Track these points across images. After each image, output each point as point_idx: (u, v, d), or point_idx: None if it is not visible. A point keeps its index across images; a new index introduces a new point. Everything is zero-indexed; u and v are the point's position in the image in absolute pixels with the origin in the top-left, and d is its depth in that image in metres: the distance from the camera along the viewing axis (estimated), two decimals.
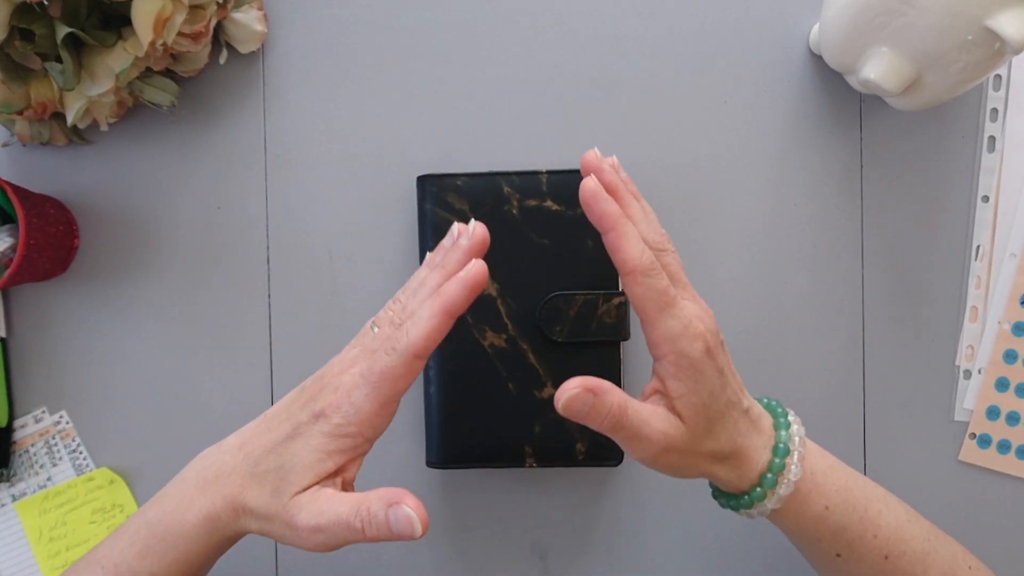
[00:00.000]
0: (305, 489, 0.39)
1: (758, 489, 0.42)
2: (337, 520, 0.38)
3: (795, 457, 0.42)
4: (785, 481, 0.41)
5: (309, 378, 0.43)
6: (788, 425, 0.43)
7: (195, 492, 0.41)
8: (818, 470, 0.43)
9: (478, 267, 0.39)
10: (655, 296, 0.39)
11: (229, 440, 0.43)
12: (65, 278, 0.58)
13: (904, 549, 0.43)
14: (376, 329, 0.41)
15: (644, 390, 0.43)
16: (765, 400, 0.45)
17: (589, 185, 0.39)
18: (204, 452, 0.44)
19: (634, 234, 0.39)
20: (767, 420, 0.43)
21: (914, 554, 0.44)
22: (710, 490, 0.46)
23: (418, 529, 0.37)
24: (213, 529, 0.41)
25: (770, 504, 0.42)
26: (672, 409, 0.40)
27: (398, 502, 0.37)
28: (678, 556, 0.56)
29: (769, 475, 0.41)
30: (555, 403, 0.39)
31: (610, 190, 0.40)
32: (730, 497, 0.43)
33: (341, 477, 0.40)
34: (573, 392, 0.38)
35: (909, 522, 0.44)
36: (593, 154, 0.41)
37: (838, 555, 0.43)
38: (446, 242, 0.42)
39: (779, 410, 0.44)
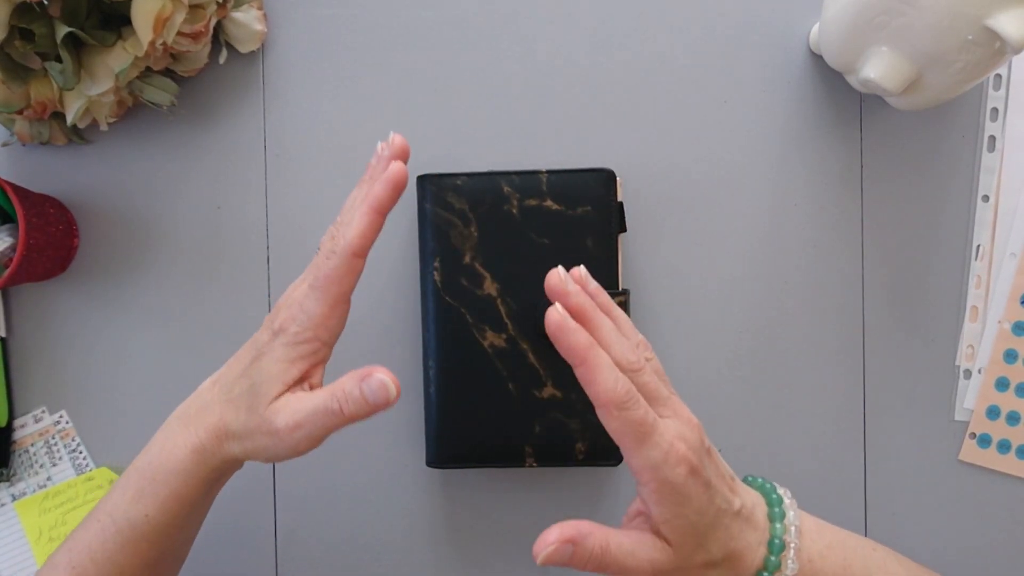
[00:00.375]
0: (277, 398, 0.40)
1: None
2: (314, 410, 0.39)
3: (791, 551, 0.40)
4: None
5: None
6: (782, 515, 0.41)
7: (179, 430, 0.43)
8: (815, 555, 0.41)
9: (398, 166, 0.40)
10: (633, 429, 0.37)
11: (204, 383, 0.45)
12: (65, 278, 0.58)
13: None
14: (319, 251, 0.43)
15: (628, 511, 0.42)
16: (759, 481, 0.44)
17: (554, 318, 0.38)
18: (184, 401, 0.45)
19: (606, 364, 0.37)
20: (760, 511, 0.42)
21: None
22: None
23: (392, 392, 0.38)
24: (200, 460, 0.42)
25: None
26: (658, 533, 0.39)
27: (369, 374, 0.38)
28: None
29: (765, 574, 0.40)
30: (534, 556, 0.37)
31: (578, 314, 0.39)
32: None
33: (308, 383, 0.41)
34: (550, 549, 0.37)
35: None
36: (556, 277, 0.39)
37: None
38: (372, 161, 0.43)
39: (773, 496, 0.42)
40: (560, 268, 0.40)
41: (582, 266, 0.42)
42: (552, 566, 0.38)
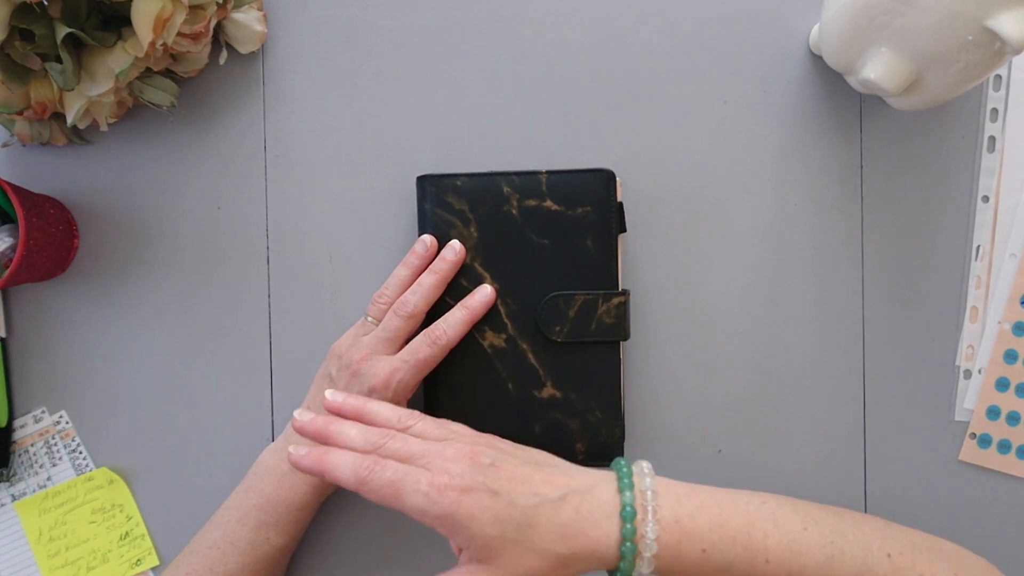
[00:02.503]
0: None
1: (622, 563, 0.39)
2: None
3: (648, 514, 0.40)
4: (645, 543, 0.39)
5: (328, 368, 0.53)
6: (631, 485, 0.41)
7: (290, 474, 0.51)
8: (684, 515, 0.41)
9: (491, 292, 0.52)
10: (387, 492, 0.40)
11: (290, 434, 0.53)
12: (65, 278, 0.58)
13: (804, 562, 0.41)
14: (371, 319, 0.52)
15: (458, 557, 0.43)
16: (619, 462, 0.44)
17: (292, 458, 0.43)
18: (266, 451, 0.53)
19: (340, 463, 0.41)
20: (606, 487, 0.41)
21: (816, 565, 0.41)
22: None
23: None
24: (319, 494, 0.52)
25: (644, 570, 0.40)
26: (472, 560, 0.40)
27: None
28: None
29: (627, 543, 0.39)
30: None
31: (317, 436, 0.44)
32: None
33: None
34: None
35: (805, 530, 0.42)
36: (297, 416, 0.46)
37: None
38: (446, 253, 0.52)
39: (623, 467, 0.42)
40: (325, 396, 0.47)
41: (330, 391, 0.47)
42: None
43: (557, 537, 0.39)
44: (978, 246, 0.55)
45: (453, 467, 0.40)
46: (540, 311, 0.52)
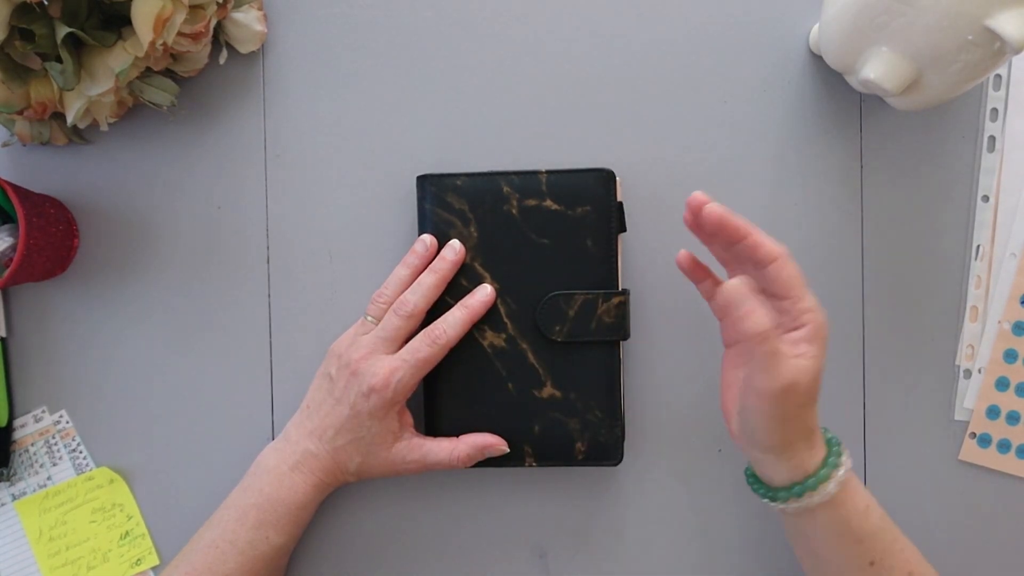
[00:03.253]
0: (394, 444, 0.51)
1: (822, 471, 0.44)
2: (438, 463, 0.52)
3: (845, 459, 0.45)
4: (836, 476, 0.44)
5: (328, 368, 0.53)
6: (839, 452, 0.46)
7: (290, 474, 0.51)
8: (851, 487, 0.46)
9: (491, 292, 0.52)
10: (794, 276, 0.44)
11: (290, 434, 0.53)
12: (65, 278, 0.58)
13: (924, 571, 0.47)
14: (370, 319, 0.52)
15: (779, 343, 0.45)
16: (827, 432, 0.48)
17: (715, 209, 0.45)
18: (265, 450, 0.53)
19: (762, 232, 0.45)
20: (822, 444, 0.46)
21: None
22: (747, 480, 0.49)
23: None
24: (320, 493, 0.52)
25: (831, 488, 0.44)
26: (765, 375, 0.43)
27: (488, 446, 0.52)
28: (678, 556, 0.56)
29: (824, 469, 0.44)
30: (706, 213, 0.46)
31: (716, 223, 0.46)
32: (775, 489, 0.46)
33: (408, 422, 0.53)
34: (736, 285, 0.42)
35: (923, 558, 0.48)
36: (698, 195, 0.46)
37: (871, 563, 0.46)
38: (446, 253, 0.53)
39: (832, 438, 0.47)
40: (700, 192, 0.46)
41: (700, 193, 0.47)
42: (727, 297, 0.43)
43: (814, 418, 0.45)
44: (978, 246, 0.55)
45: (808, 333, 0.44)
46: (540, 311, 0.52)
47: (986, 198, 0.55)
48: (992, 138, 0.55)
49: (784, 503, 0.45)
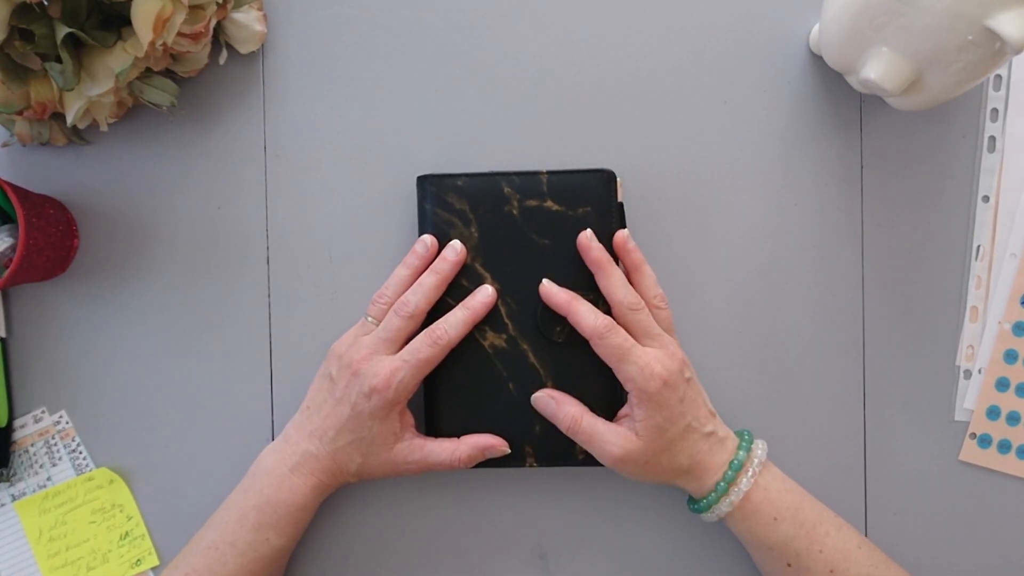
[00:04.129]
0: (395, 444, 0.51)
1: (712, 495, 0.50)
2: (439, 463, 0.52)
3: (748, 472, 0.50)
4: (735, 490, 0.49)
5: (328, 368, 0.52)
6: (748, 447, 0.51)
7: (289, 475, 0.51)
8: (772, 488, 0.50)
9: (492, 292, 0.52)
10: (612, 351, 0.49)
11: (290, 435, 0.53)
12: (65, 278, 0.58)
13: (849, 567, 0.49)
14: (371, 319, 0.52)
15: (619, 412, 0.52)
16: (743, 431, 0.53)
17: (581, 239, 0.52)
18: (265, 451, 0.53)
19: (586, 309, 0.50)
20: (732, 442, 0.51)
21: (859, 574, 0.49)
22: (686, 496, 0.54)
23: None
24: (320, 494, 0.52)
25: (723, 508, 0.50)
26: (633, 430, 0.49)
27: (490, 447, 0.53)
28: (678, 556, 0.56)
29: (722, 483, 0.50)
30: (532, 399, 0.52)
31: (595, 264, 0.51)
32: (693, 502, 0.52)
33: (408, 422, 0.53)
34: (539, 393, 0.52)
35: (859, 548, 0.50)
36: (584, 237, 0.52)
37: (788, 564, 0.50)
38: (446, 253, 0.53)
39: (746, 436, 0.52)
40: (588, 231, 0.52)
41: (624, 230, 0.52)
42: (538, 409, 0.52)
43: (689, 456, 0.50)
44: (978, 246, 0.55)
45: (667, 362, 0.49)
46: (541, 311, 0.52)
47: (986, 198, 0.55)
48: (992, 138, 0.55)
49: (699, 514, 0.52)
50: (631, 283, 0.51)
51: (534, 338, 0.52)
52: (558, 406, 0.51)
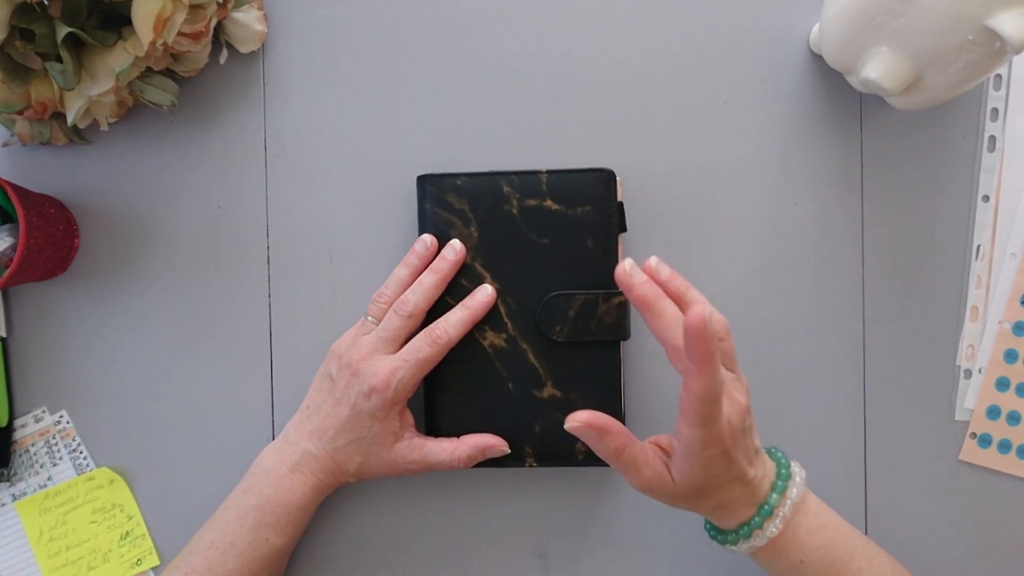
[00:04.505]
0: (395, 443, 0.51)
1: (732, 535, 0.46)
2: (439, 463, 0.51)
3: (777, 519, 0.45)
4: (760, 535, 0.45)
5: (328, 368, 0.52)
6: (782, 489, 0.46)
7: (289, 475, 0.51)
8: (802, 528, 0.46)
9: (492, 292, 0.52)
10: (685, 367, 0.41)
11: (290, 434, 0.53)
12: (65, 278, 0.58)
13: None
14: (371, 319, 0.52)
15: (660, 439, 0.47)
16: (778, 455, 0.48)
17: (621, 271, 0.44)
18: (265, 451, 0.53)
19: (670, 311, 0.43)
20: (768, 481, 0.46)
21: None
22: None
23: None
24: (319, 494, 0.52)
25: (744, 548, 0.46)
26: (670, 473, 0.45)
27: (491, 446, 0.52)
28: (678, 556, 0.56)
29: (745, 528, 0.46)
30: (566, 421, 0.45)
31: (641, 303, 0.44)
32: (714, 530, 0.48)
33: (409, 421, 0.53)
34: (576, 424, 0.44)
35: None
36: (621, 270, 0.44)
37: None
38: (446, 252, 0.52)
39: (783, 472, 0.47)
40: (627, 260, 0.44)
41: (654, 256, 0.46)
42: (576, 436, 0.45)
43: (719, 501, 0.45)
44: (978, 245, 0.55)
45: (734, 420, 0.43)
46: (540, 311, 0.52)
47: (986, 198, 0.55)
48: (992, 138, 0.55)
49: (725, 546, 0.47)
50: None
51: (534, 338, 0.52)
52: (599, 439, 0.44)
